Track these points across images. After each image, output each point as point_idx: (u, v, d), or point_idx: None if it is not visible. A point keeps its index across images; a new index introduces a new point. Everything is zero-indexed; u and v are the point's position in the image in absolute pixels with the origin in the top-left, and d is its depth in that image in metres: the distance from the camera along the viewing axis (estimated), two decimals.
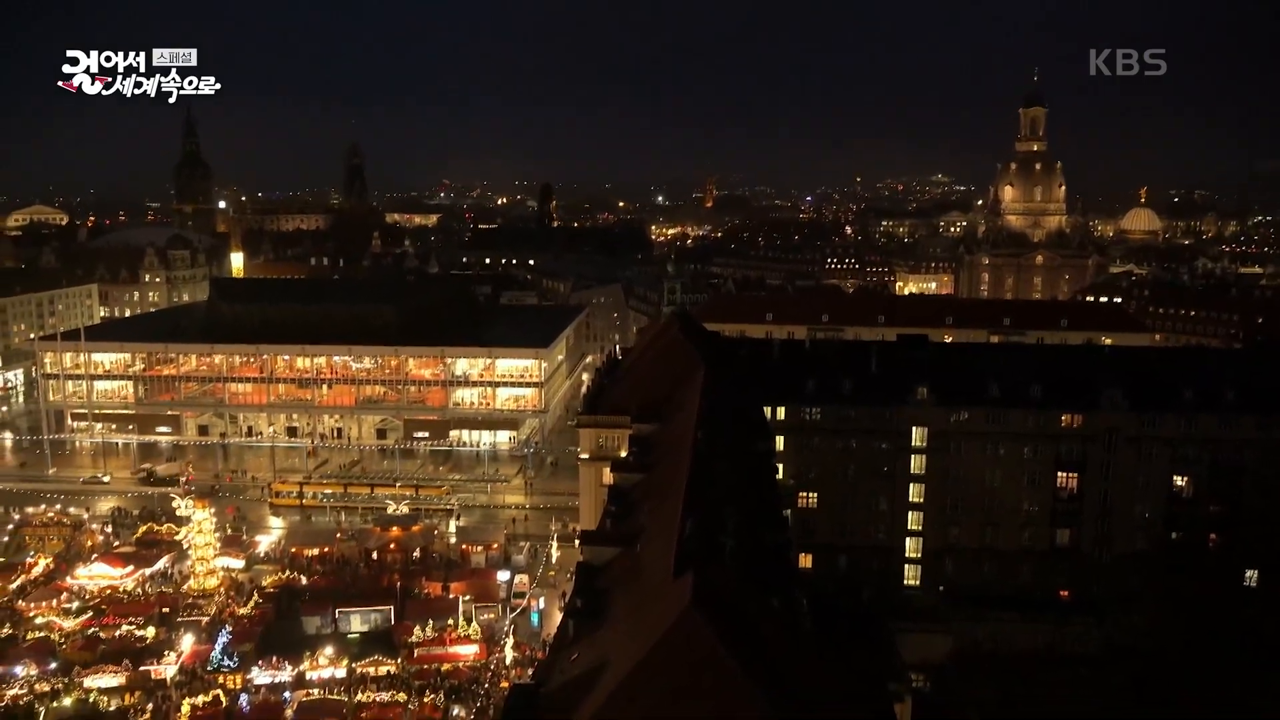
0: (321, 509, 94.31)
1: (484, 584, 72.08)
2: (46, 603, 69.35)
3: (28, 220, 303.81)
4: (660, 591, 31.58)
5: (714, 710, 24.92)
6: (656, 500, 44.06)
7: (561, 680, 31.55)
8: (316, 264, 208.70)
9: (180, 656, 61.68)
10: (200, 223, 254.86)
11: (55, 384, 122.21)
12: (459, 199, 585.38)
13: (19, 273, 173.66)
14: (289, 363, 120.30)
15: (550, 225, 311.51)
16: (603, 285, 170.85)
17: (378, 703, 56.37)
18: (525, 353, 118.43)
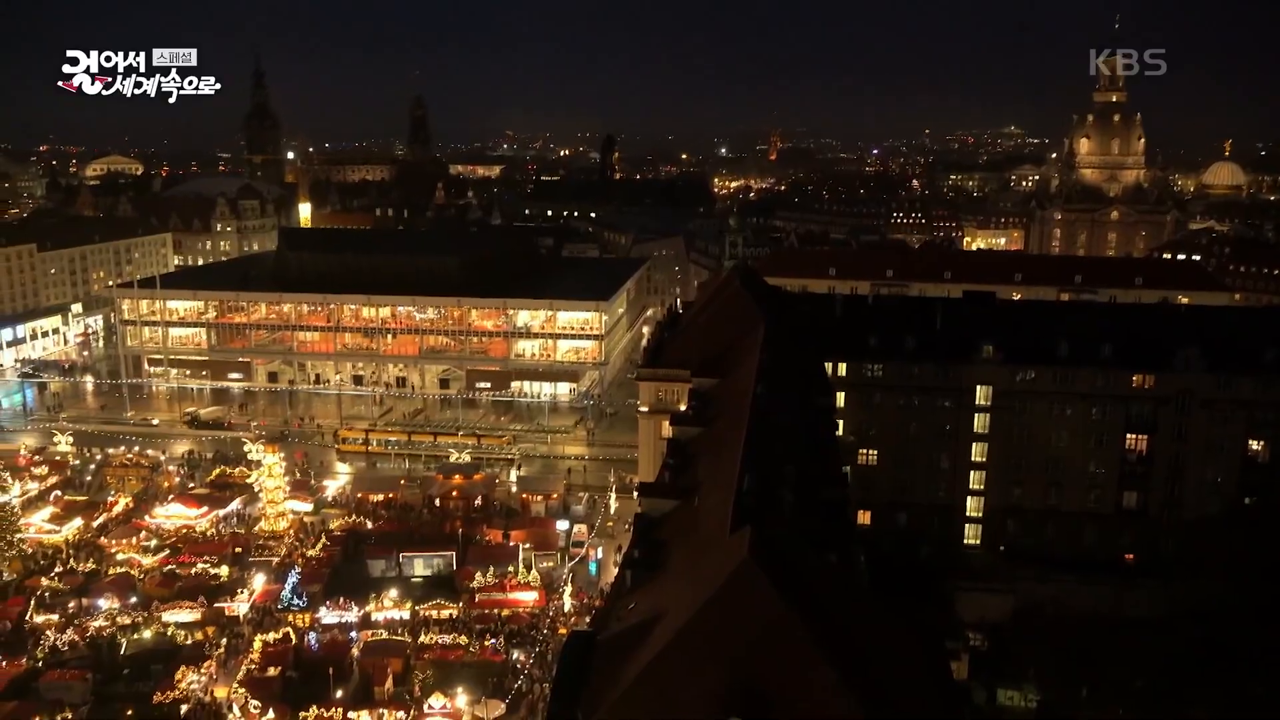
0: (386, 456, 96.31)
1: (543, 533, 73.17)
2: (127, 540, 72.27)
3: (105, 170, 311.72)
4: (717, 544, 31.74)
5: (770, 662, 25.09)
6: (715, 454, 44.13)
7: (618, 628, 32.00)
8: (381, 215, 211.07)
9: (252, 595, 63.96)
10: (269, 173, 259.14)
11: (132, 330, 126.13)
12: (522, 150, 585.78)
13: (98, 221, 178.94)
14: (355, 312, 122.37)
15: (612, 177, 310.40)
16: (664, 238, 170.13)
17: (440, 644, 57.81)
18: (586, 305, 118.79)
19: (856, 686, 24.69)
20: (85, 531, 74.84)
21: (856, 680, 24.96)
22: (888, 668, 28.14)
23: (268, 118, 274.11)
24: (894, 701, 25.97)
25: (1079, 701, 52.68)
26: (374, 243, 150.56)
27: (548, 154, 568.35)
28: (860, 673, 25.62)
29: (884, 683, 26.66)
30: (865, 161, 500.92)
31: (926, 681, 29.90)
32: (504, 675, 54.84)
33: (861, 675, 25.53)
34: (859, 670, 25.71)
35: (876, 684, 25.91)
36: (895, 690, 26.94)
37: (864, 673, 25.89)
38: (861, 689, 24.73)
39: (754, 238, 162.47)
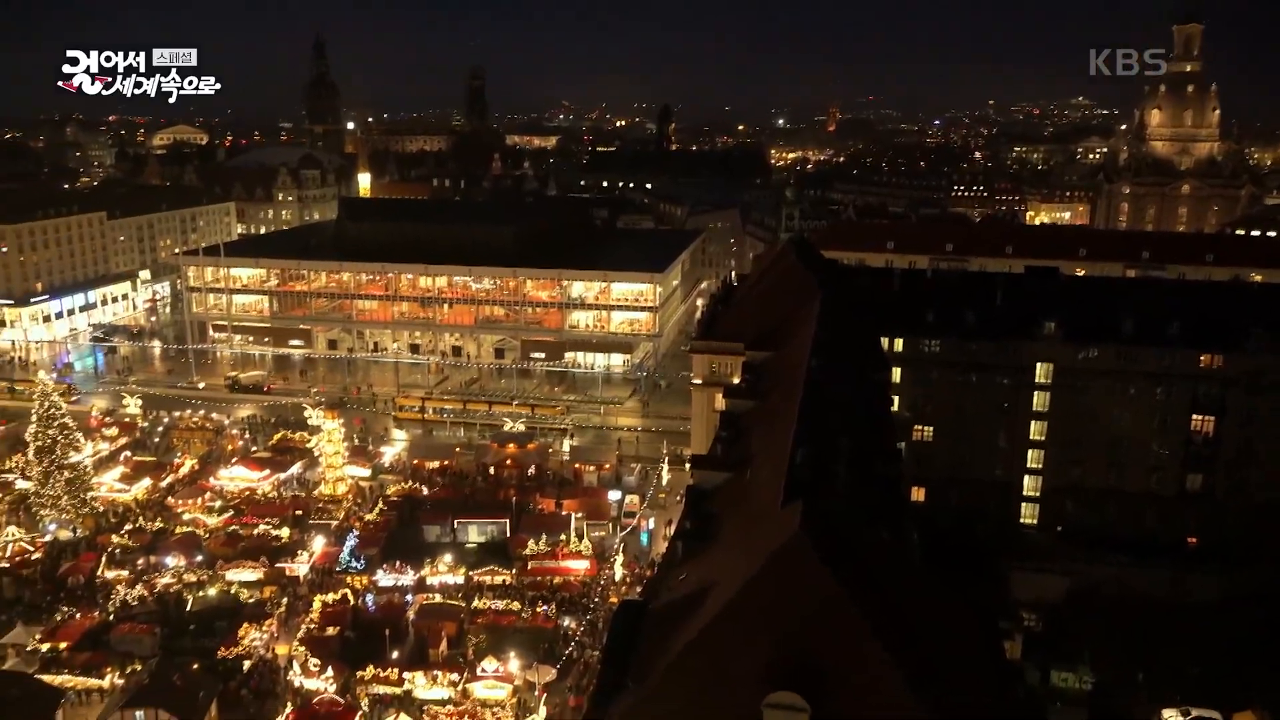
0: (442, 424, 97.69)
1: (596, 502, 73.75)
2: (192, 500, 74.43)
3: (171, 140, 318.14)
4: (769, 518, 31.73)
5: (819, 636, 25.11)
6: (768, 427, 44.01)
7: (669, 598, 32.24)
8: (439, 185, 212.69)
9: (312, 556, 65.54)
10: (329, 143, 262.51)
11: (198, 297, 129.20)
12: (578, 121, 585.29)
13: (164, 190, 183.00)
14: (412, 281, 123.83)
15: (668, 148, 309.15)
16: (720, 210, 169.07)
17: (493, 610, 58.77)
18: (640, 277, 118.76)
19: (907, 662, 24.62)
20: (153, 491, 77.25)
21: (907, 656, 24.88)
22: (939, 645, 27.99)
23: (328, 88, 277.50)
24: (945, 678, 25.84)
25: (1135, 685, 51.89)
26: (431, 213, 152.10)
27: (604, 125, 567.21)
28: (911, 649, 25.52)
29: (935, 660, 26.53)
30: (926, 133, 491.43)
31: (979, 660, 29.70)
32: (555, 641, 55.62)
33: (912, 651, 25.42)
34: (910, 646, 25.60)
35: (927, 660, 25.80)
36: (946, 667, 26.80)
37: (915, 649, 25.78)
38: (912, 665, 24.65)
39: (811, 210, 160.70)
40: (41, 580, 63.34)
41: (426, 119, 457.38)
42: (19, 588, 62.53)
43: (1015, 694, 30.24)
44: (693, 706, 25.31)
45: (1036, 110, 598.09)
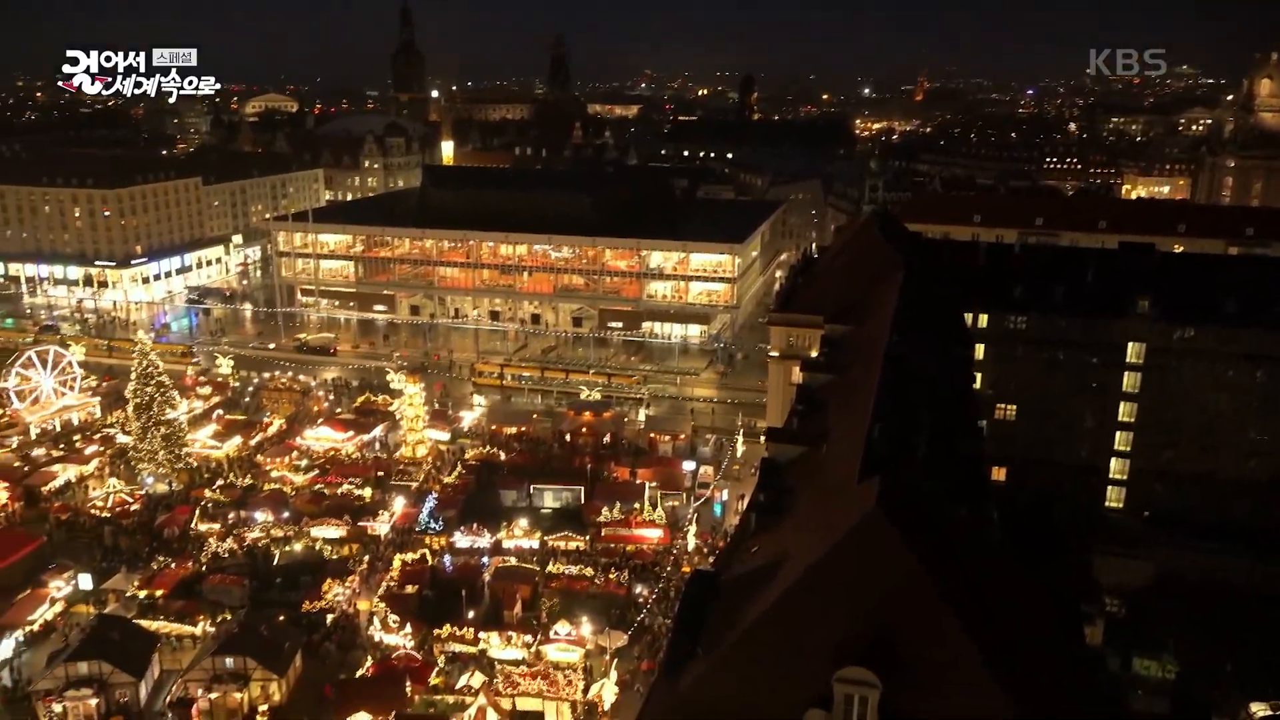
0: (520, 390, 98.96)
1: (670, 472, 74.03)
2: (280, 459, 76.92)
3: (263, 108, 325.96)
4: (845, 493, 31.48)
5: (894, 612, 24.91)
6: (845, 402, 43.56)
7: (741, 570, 32.31)
8: (520, 153, 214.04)
9: (392, 516, 67.27)
10: (414, 111, 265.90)
11: (286, 261, 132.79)
12: (659, 90, 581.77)
13: (256, 156, 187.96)
14: (493, 249, 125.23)
15: (750, 118, 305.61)
16: (801, 181, 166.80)
17: (566, 575, 59.61)
18: (719, 247, 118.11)
19: (983, 641, 24.29)
20: (243, 449, 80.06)
21: (983, 635, 24.54)
22: (1017, 626, 27.54)
23: (414, 56, 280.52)
24: (1022, 660, 25.44)
25: (1221, 676, 50.27)
26: (512, 181, 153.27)
27: (685, 94, 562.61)
28: (988, 628, 25.16)
29: (1012, 640, 26.12)
30: (1018, 103, 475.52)
31: (1057, 643, 29.13)
32: (627, 608, 56.21)
33: (989, 631, 25.06)
34: (986, 626, 25.25)
35: (1004, 641, 25.41)
36: (1024, 649, 26.36)
37: (992, 629, 25.41)
38: (988, 645, 24.31)
39: (895, 182, 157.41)
40: (140, 531, 66.37)
41: (509, 87, 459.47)
42: (120, 537, 65.65)
43: (1095, 679, 29.60)
44: (763, 677, 25.40)
45: (1138, 79, 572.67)
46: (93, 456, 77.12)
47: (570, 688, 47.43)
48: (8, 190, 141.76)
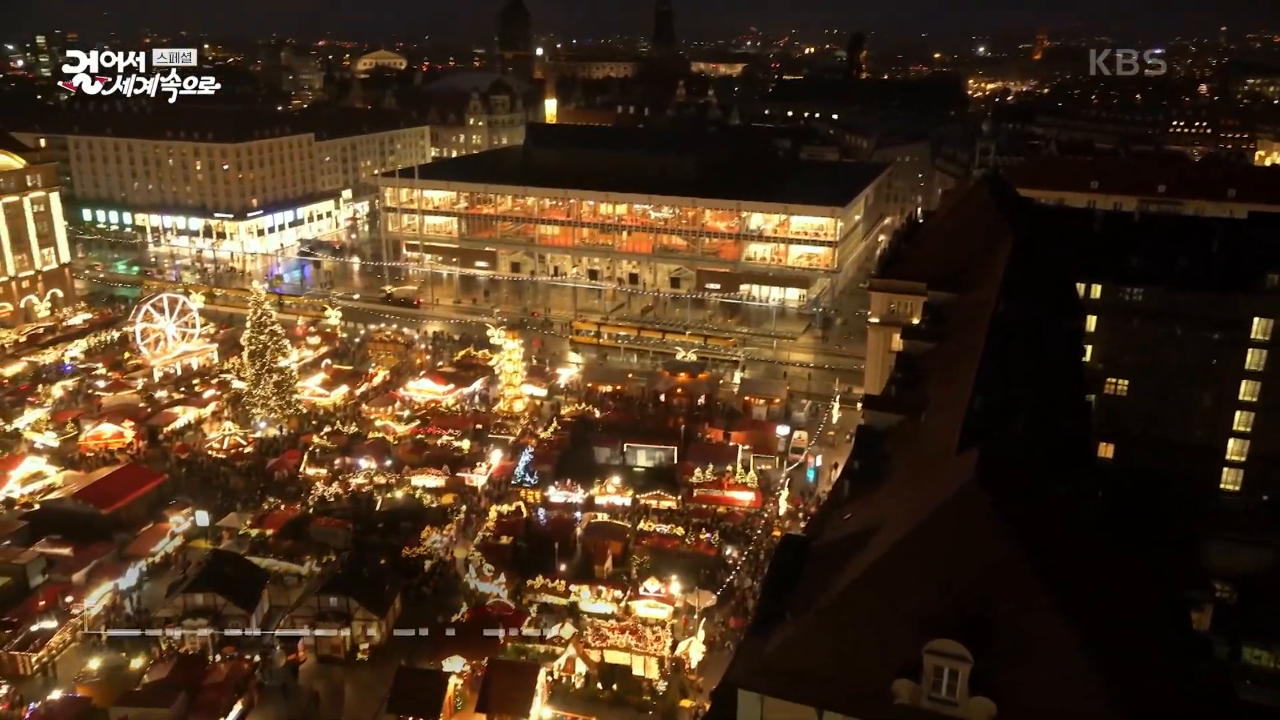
0: (616, 349, 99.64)
1: (764, 436, 73.78)
2: (383, 409, 79.39)
3: (374, 65, 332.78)
4: (942, 464, 30.94)
5: (987, 587, 24.48)
6: (946, 371, 42.62)
7: (832, 536, 32.14)
8: (623, 112, 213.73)
9: (489, 468, 68.88)
10: (519, 69, 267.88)
11: (393, 217, 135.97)
12: (765, 48, 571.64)
13: (366, 113, 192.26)
14: (593, 208, 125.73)
15: (858, 77, 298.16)
16: (909, 143, 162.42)
17: (657, 533, 60.21)
18: (821, 210, 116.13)
19: (1080, 622, 23.70)
20: (349, 398, 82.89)
21: (1080, 616, 23.94)
22: (1117, 608, 26.74)
23: (520, 14, 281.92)
24: (1121, 642, 24.72)
25: None
26: (614, 140, 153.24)
27: (792, 52, 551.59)
28: (1085, 609, 24.52)
29: (1111, 622, 25.39)
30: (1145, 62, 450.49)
31: (1161, 628, 28.19)
32: (716, 569, 56.53)
33: (1087, 612, 24.42)
34: (1084, 606, 24.60)
35: (1103, 622, 24.73)
36: (1123, 631, 25.60)
37: (1090, 609, 24.75)
38: (1085, 625, 23.71)
39: (1008, 145, 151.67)
40: (252, 472, 69.58)
41: (613, 45, 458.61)
42: (234, 478, 68.96)
43: (1199, 666, 28.58)
44: (851, 644, 25.34)
45: (1278, 38, 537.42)
46: (210, 400, 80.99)
47: (658, 644, 48.11)
48: (136, 144, 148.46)
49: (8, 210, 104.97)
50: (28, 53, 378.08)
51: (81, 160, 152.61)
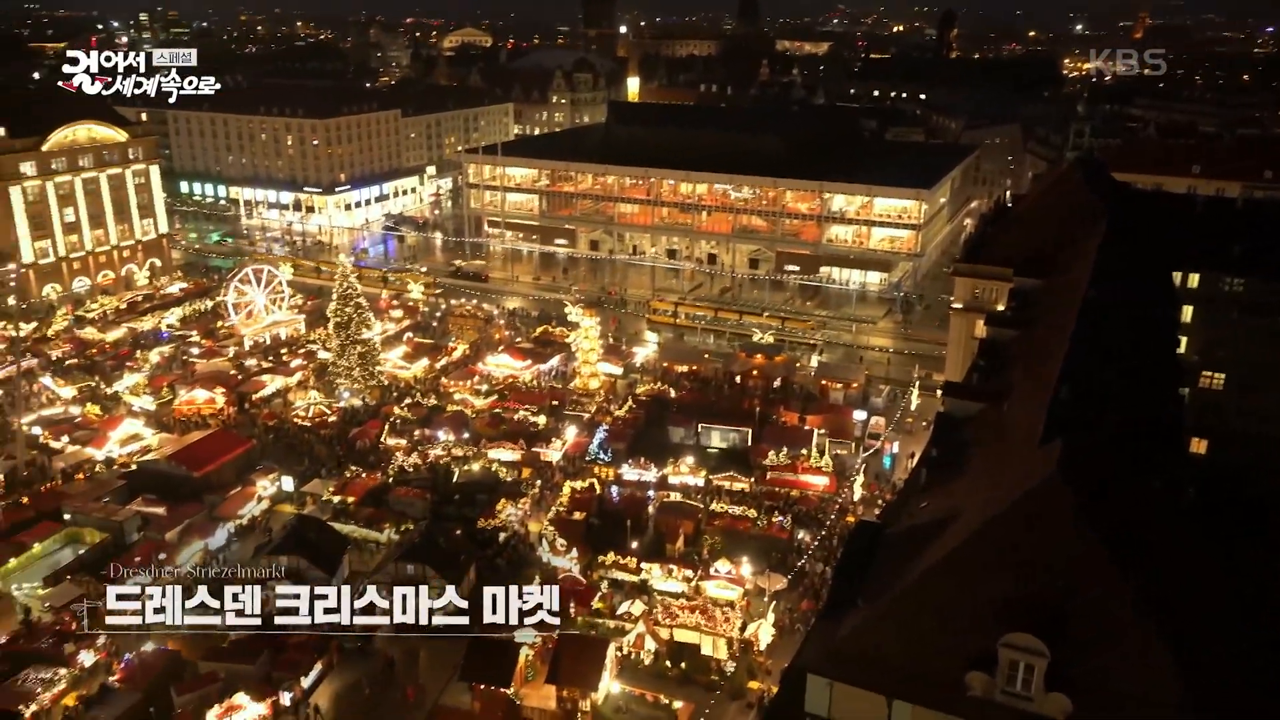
0: (693, 329, 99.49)
1: (840, 420, 72.98)
2: (462, 383, 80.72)
3: (459, 42, 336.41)
4: (1024, 455, 30.27)
5: (1065, 582, 23.94)
6: (1031, 359, 41.60)
7: (908, 524, 31.74)
8: (705, 91, 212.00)
9: (564, 444, 69.55)
10: (603, 47, 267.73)
11: (475, 193, 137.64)
12: (852, 26, 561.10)
13: (451, 90, 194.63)
14: (673, 187, 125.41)
15: (947, 56, 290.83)
16: (999, 125, 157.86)
17: (729, 514, 60.13)
18: (906, 193, 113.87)
19: (1162, 621, 23.02)
20: (430, 371, 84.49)
21: (1163, 615, 23.25)
22: (1205, 609, 25.90)
23: None
24: (1209, 646, 23.95)
25: None
26: (695, 119, 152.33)
27: (879, 30, 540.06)
28: (1169, 608, 23.80)
29: (1197, 623, 24.61)
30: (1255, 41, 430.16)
31: (1253, 632, 27.18)
32: (788, 552, 56.29)
33: (1170, 611, 23.71)
34: (1168, 606, 23.88)
35: (1187, 623, 23.99)
36: (1212, 634, 24.79)
37: (1174, 609, 24.01)
38: (1168, 625, 23.03)
39: (1104, 127, 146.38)
40: (335, 441, 71.52)
41: (697, 23, 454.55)
42: (318, 445, 70.99)
43: None
44: (924, 632, 25.06)
45: None
46: (297, 370, 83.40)
47: (728, 624, 48.20)
48: (230, 119, 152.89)
49: (111, 182, 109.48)
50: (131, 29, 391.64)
51: (180, 134, 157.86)
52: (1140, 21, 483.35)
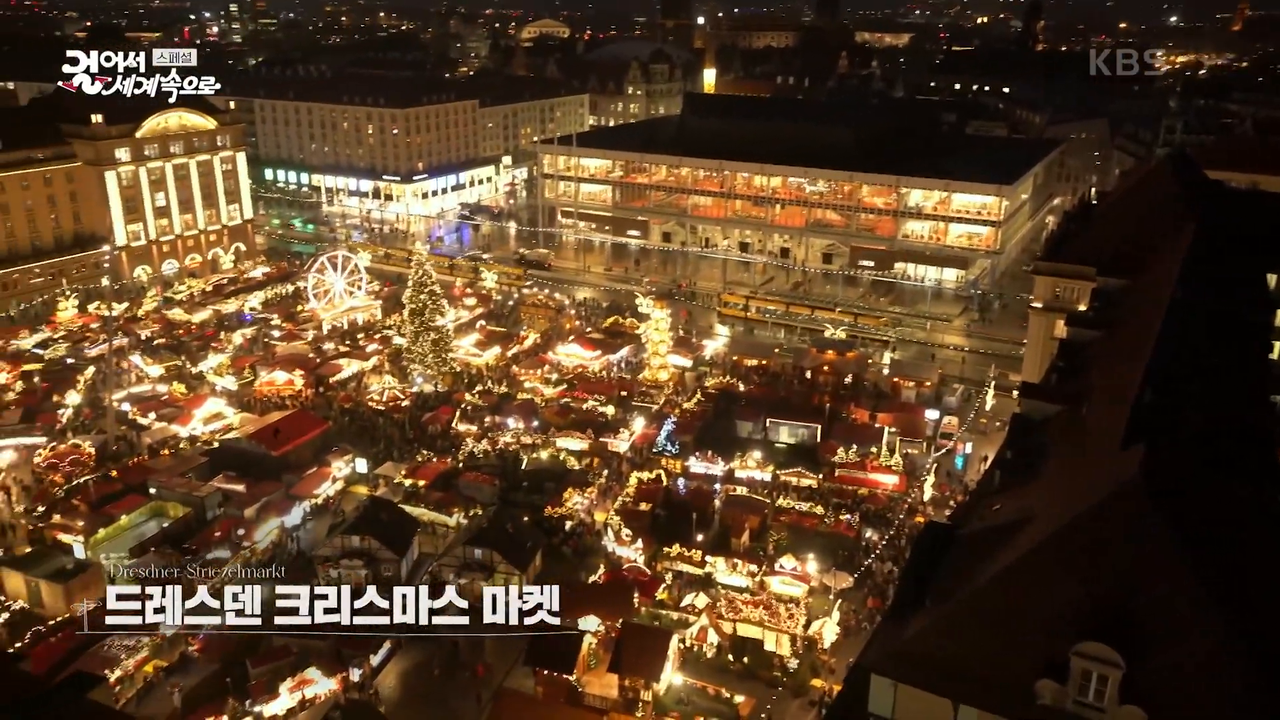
0: (763, 324, 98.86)
1: (911, 419, 71.87)
2: (533, 371, 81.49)
3: (537, 33, 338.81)
4: (1103, 459, 29.47)
5: (1145, 592, 23.24)
6: (1114, 361, 40.43)
7: (979, 526, 31.16)
8: (782, 83, 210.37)
9: (632, 435, 69.79)
10: (680, 38, 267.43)
11: (550, 183, 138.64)
12: (935, 17, 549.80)
13: (528, 81, 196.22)
14: (747, 180, 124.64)
15: (1033, 48, 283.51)
16: (1084, 120, 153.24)
17: (796, 510, 59.73)
18: (986, 188, 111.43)
19: (1243, 633, 22.21)
20: (501, 359, 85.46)
21: (1250, 630, 22.42)
22: None
23: None
24: None
25: None
26: (771, 111, 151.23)
27: (962, 21, 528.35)
28: (1250, 620, 22.92)
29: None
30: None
31: None
32: (855, 550, 55.67)
33: (1251, 623, 22.84)
34: (1249, 617, 23.01)
35: (1273, 639, 23.07)
36: None
37: (1255, 621, 23.12)
38: (1255, 641, 22.21)
39: (1198, 123, 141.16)
40: (408, 425, 72.86)
41: (775, 14, 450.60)
42: (390, 429, 72.42)
43: None
44: (993, 637, 24.58)
45: None
46: (372, 354, 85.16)
47: (791, 621, 47.90)
48: (313, 107, 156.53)
49: (200, 168, 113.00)
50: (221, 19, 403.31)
51: (265, 122, 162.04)
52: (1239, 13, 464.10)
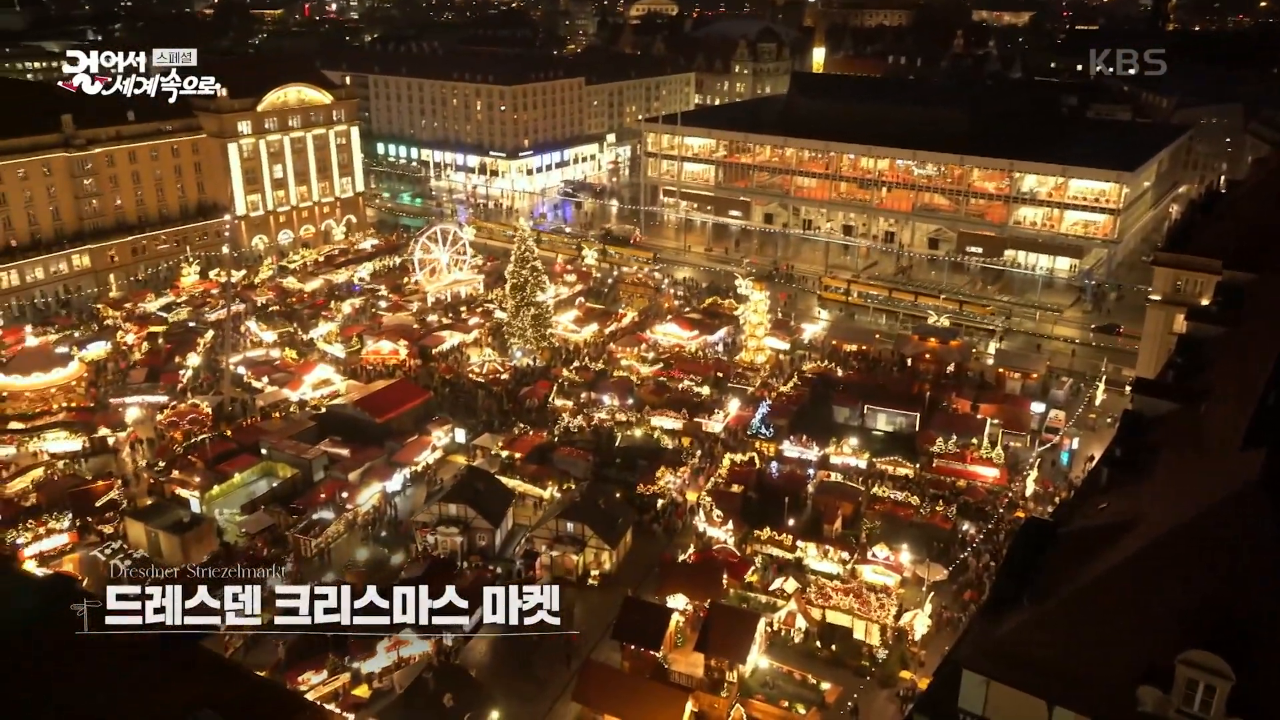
0: (865, 309, 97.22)
1: (1015, 411, 69.80)
2: (630, 349, 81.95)
3: (646, 11, 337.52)
4: (1221, 460, 28.12)
5: (1259, 601, 22.18)
6: (1238, 359, 38.42)
7: (1083, 525, 30.17)
8: (894, 63, 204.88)
9: (726, 417, 69.65)
10: (789, 16, 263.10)
11: (653, 162, 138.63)
12: None
13: (634, 59, 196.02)
14: (853, 162, 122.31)
15: (1164, 28, 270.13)
16: (1216, 104, 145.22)
17: (891, 499, 58.82)
18: (1105, 174, 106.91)
19: None
20: (599, 336, 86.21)
21: None
22: None
23: None
24: None
25: None
26: (881, 92, 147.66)
27: None
28: None
29: None
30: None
31: None
32: (950, 543, 54.56)
33: None
34: None
35: None
36: None
37: None
38: None
39: None
40: (506, 398, 74.23)
41: None
42: (489, 401, 73.90)
43: None
44: (1094, 639, 23.84)
45: None
46: (474, 328, 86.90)
47: (882, 610, 47.29)
48: (425, 83, 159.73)
49: (316, 142, 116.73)
50: None
51: (379, 98, 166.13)
52: None
